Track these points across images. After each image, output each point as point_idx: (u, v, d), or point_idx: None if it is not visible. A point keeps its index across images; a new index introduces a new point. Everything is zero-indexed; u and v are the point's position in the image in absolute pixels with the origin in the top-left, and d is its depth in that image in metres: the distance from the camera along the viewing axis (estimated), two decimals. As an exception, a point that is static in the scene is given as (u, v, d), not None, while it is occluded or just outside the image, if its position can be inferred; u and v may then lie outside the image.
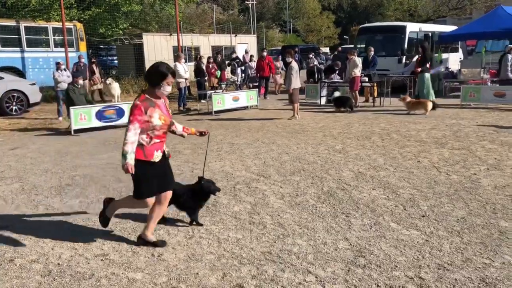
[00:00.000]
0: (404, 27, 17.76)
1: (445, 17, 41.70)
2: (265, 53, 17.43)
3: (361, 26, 20.64)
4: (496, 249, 3.85)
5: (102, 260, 3.92)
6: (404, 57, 17.21)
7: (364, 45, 18.47)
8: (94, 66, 16.40)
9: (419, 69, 12.97)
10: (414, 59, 17.08)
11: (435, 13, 40.10)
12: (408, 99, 12.19)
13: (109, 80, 15.63)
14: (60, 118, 12.87)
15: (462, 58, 19.77)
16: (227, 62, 18.93)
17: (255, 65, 18.15)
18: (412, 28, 18.17)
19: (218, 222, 4.73)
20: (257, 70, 17.48)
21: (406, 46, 17.33)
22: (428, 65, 13.09)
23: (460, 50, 20.61)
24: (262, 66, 17.07)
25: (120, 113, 11.22)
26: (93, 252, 4.08)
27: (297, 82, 11.80)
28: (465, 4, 38.78)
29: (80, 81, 11.23)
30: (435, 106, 12.04)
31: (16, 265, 3.87)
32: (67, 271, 3.72)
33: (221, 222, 4.72)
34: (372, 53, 15.25)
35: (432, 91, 13.04)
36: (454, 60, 18.72)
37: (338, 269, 3.62)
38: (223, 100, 13.84)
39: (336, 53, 18.99)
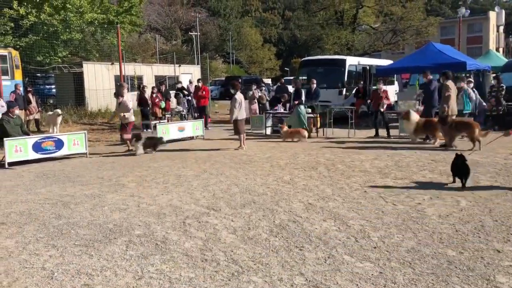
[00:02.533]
0: (344, 61, 18.50)
1: (380, 51, 44.09)
2: (200, 84, 17.54)
3: (303, 59, 21.30)
4: (447, 279, 3.93)
5: (42, 307, 3.60)
6: (345, 89, 17.86)
7: (305, 77, 19.02)
8: (30, 95, 15.70)
9: (297, 102, 14.34)
10: (354, 91, 17.84)
11: (371, 48, 42.25)
12: (285, 128, 13.51)
13: (59, 111, 14.95)
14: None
15: (397, 91, 20.80)
16: (172, 92, 18.74)
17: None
18: (351, 61, 18.97)
19: (168, 260, 4.53)
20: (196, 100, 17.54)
21: (346, 78, 18.02)
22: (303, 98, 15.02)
23: (396, 82, 21.70)
24: (199, 96, 17.12)
25: (59, 144, 10.70)
26: (32, 298, 3.75)
27: (242, 113, 11.88)
28: (398, 40, 41.19)
29: (16, 111, 10.66)
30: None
31: None
32: (3, 322, 3.38)
33: (171, 260, 4.52)
34: (315, 85, 15.69)
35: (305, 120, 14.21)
36: (390, 92, 19.64)
37: (296, 306, 3.54)
38: (167, 130, 13.62)
39: (279, 84, 19.35)
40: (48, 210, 6.36)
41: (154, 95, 16.69)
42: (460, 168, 7.10)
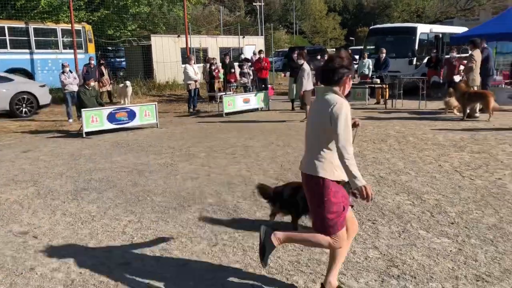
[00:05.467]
0: (415, 28, 17.60)
1: (453, 18, 41.46)
2: (261, 55, 17.24)
3: (371, 27, 20.50)
4: (534, 259, 3.71)
5: (125, 269, 3.80)
6: (415, 58, 17.06)
7: (373, 47, 18.33)
8: (103, 68, 16.34)
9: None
10: (425, 60, 17.00)
11: (443, 14, 39.86)
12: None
13: (128, 83, 15.63)
14: (70, 120, 12.80)
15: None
16: (236, 64, 18.77)
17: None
18: (423, 29, 18.01)
19: (241, 228, 4.61)
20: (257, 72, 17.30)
21: (417, 47, 17.18)
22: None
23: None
24: (259, 68, 16.85)
25: (131, 115, 11.13)
26: (116, 261, 3.96)
27: (309, 84, 11.69)
28: (473, 6, 38.51)
29: (92, 83, 11.16)
30: None
31: (37, 274, 3.76)
32: (90, 281, 3.61)
33: (243, 229, 4.59)
34: (384, 54, 15.10)
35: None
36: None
37: (371, 280, 3.49)
38: (233, 102, 13.75)
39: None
40: (125, 178, 6.66)
41: (213, 68, 16.84)
42: None
